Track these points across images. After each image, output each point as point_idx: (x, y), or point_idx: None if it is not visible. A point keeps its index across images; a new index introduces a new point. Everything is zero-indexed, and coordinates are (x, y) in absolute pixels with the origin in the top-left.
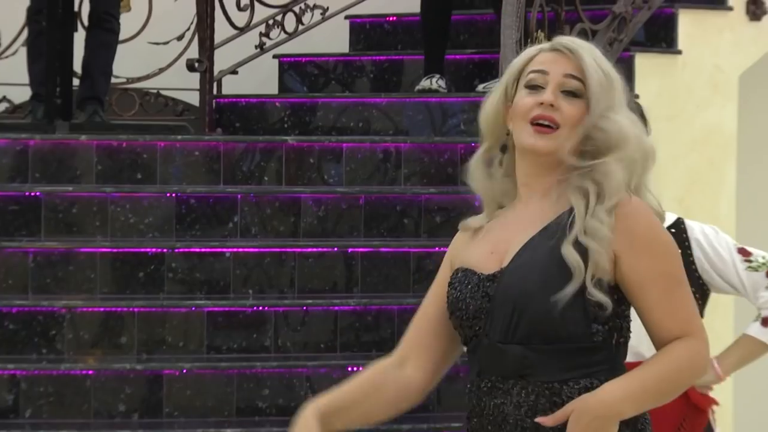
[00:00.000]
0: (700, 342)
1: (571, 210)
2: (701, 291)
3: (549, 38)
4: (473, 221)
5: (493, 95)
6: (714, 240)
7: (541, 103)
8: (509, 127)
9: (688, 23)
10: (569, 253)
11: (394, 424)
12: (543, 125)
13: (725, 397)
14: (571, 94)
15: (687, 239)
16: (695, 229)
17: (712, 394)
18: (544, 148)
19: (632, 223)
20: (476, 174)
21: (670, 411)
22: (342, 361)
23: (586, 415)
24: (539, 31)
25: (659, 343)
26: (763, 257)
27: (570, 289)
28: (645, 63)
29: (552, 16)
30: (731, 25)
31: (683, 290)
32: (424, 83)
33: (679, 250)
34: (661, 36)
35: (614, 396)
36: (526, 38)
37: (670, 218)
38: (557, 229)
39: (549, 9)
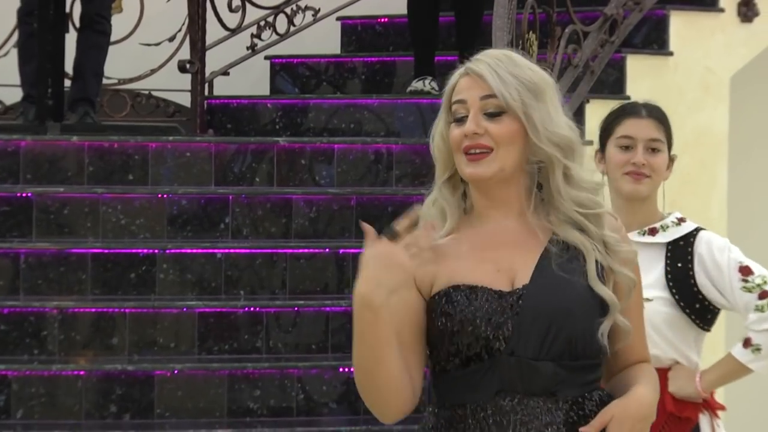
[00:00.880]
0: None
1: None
2: (687, 305)
3: (540, 40)
4: (433, 236)
5: (437, 128)
6: (718, 255)
7: (465, 135)
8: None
9: (680, 25)
10: (602, 290)
11: (385, 426)
12: (475, 153)
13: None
14: (495, 114)
15: (691, 253)
16: (702, 242)
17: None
18: (483, 174)
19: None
20: (440, 196)
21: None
22: (333, 362)
23: (629, 419)
24: (530, 32)
25: (624, 365)
26: (762, 278)
27: (609, 319)
28: (636, 64)
29: (543, 17)
30: (723, 27)
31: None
32: (416, 85)
33: (678, 264)
34: (652, 38)
35: (649, 399)
36: (518, 40)
37: (683, 229)
38: (561, 254)
39: (540, 10)
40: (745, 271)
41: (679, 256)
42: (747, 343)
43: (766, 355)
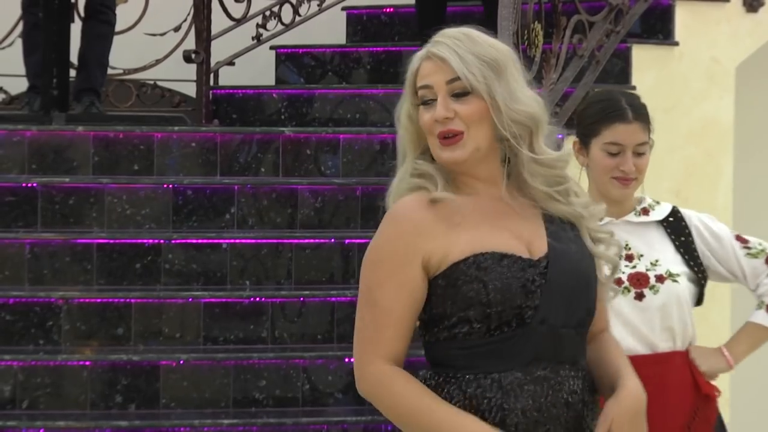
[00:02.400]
0: None
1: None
2: (702, 277)
3: (545, 30)
4: (442, 194)
5: (403, 112)
6: (713, 226)
7: (436, 120)
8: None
9: (686, 15)
10: (601, 252)
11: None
12: (448, 137)
13: (722, 383)
14: (462, 94)
15: (687, 226)
16: (692, 216)
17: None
18: (460, 158)
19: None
20: (422, 167)
21: (681, 403)
22: (339, 352)
23: (627, 416)
24: (536, 22)
25: (593, 332)
26: (760, 244)
27: (606, 287)
28: (642, 55)
29: (549, 7)
30: (728, 17)
31: None
32: None
33: (681, 239)
34: (658, 28)
35: (639, 389)
36: (523, 30)
37: (666, 208)
38: (561, 226)
39: (546, 0)
40: (741, 239)
41: (678, 231)
42: None
43: None
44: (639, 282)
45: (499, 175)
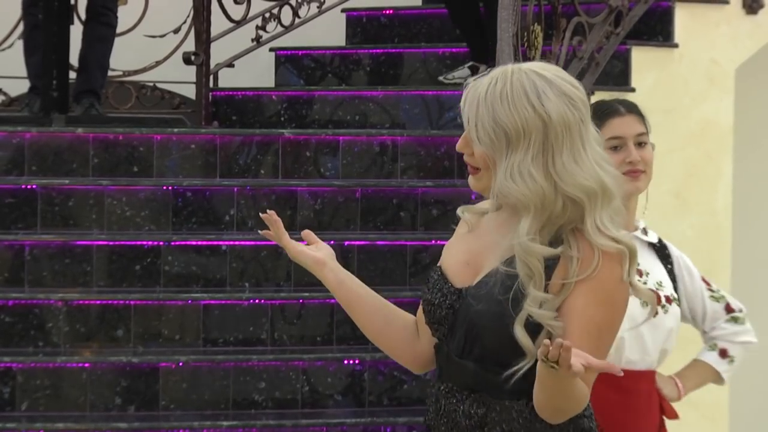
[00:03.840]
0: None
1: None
2: None
3: (545, 32)
4: (481, 205)
5: None
6: (689, 263)
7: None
8: None
9: (685, 16)
10: (521, 335)
11: (390, 417)
12: (470, 167)
13: (721, 400)
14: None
15: (670, 255)
16: (673, 248)
17: (704, 388)
18: (474, 188)
19: (592, 265)
20: None
21: (655, 418)
22: (338, 354)
23: None
24: (536, 24)
25: None
26: (719, 290)
27: (524, 364)
28: (642, 56)
29: (548, 9)
30: (728, 19)
31: (599, 345)
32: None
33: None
34: (657, 29)
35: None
36: (523, 32)
37: (652, 237)
38: (508, 279)
39: (545, 2)
40: (705, 281)
41: (666, 258)
42: (724, 353)
43: (736, 367)
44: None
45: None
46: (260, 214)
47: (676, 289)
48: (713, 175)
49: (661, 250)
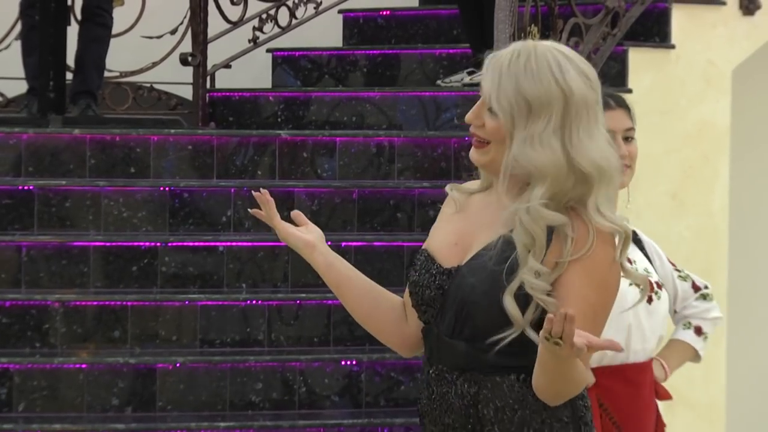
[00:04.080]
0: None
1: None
2: None
3: (542, 33)
4: (468, 185)
5: None
6: (657, 248)
7: (466, 121)
8: None
9: (682, 18)
10: (510, 305)
11: (387, 418)
12: (475, 140)
13: (718, 397)
14: (493, 110)
15: (641, 241)
16: (642, 235)
17: (700, 389)
18: (476, 161)
19: (587, 245)
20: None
21: (654, 405)
22: (335, 355)
23: None
24: (533, 25)
25: None
26: (684, 270)
27: (510, 333)
28: (638, 57)
29: (545, 10)
30: (725, 20)
31: (593, 328)
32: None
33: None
34: (654, 30)
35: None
36: (520, 33)
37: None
38: (506, 249)
39: (542, 3)
40: (671, 262)
41: (641, 246)
42: (699, 331)
43: (708, 342)
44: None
45: (514, 186)
46: (253, 192)
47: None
48: (710, 176)
49: (636, 239)
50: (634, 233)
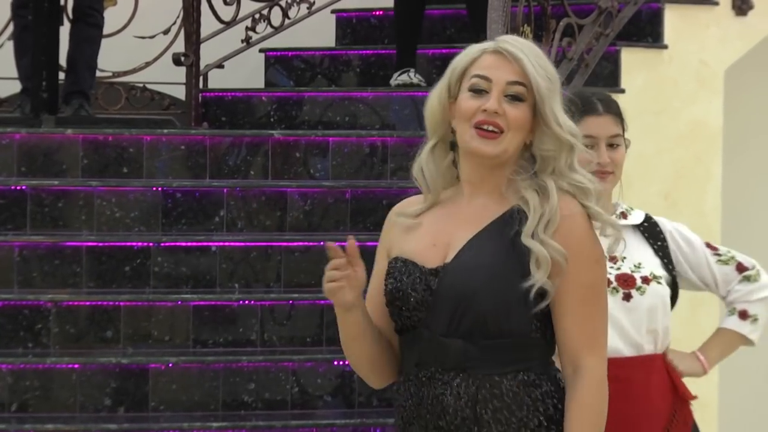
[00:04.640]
0: (597, 369)
1: (515, 210)
2: (673, 285)
3: (535, 33)
4: (410, 208)
5: (435, 93)
6: (686, 233)
7: (485, 110)
8: (453, 125)
9: (675, 18)
10: (534, 245)
11: (380, 418)
12: (487, 130)
13: (710, 395)
14: (516, 98)
15: (661, 231)
16: (665, 223)
17: (693, 386)
18: (490, 153)
19: (567, 230)
20: (424, 164)
21: (662, 404)
22: (328, 355)
23: None
24: (525, 25)
25: (564, 350)
26: (729, 251)
27: (538, 277)
28: (631, 57)
29: (538, 10)
30: (717, 20)
31: (599, 305)
32: (402, 78)
33: (657, 243)
34: (647, 31)
35: None
36: (513, 33)
37: (640, 214)
38: (504, 228)
39: (535, 3)
40: (711, 246)
41: (654, 236)
42: (744, 315)
43: (763, 324)
44: (626, 282)
45: (497, 182)
46: (347, 241)
47: (669, 264)
48: (702, 177)
49: (650, 229)
50: (653, 223)
